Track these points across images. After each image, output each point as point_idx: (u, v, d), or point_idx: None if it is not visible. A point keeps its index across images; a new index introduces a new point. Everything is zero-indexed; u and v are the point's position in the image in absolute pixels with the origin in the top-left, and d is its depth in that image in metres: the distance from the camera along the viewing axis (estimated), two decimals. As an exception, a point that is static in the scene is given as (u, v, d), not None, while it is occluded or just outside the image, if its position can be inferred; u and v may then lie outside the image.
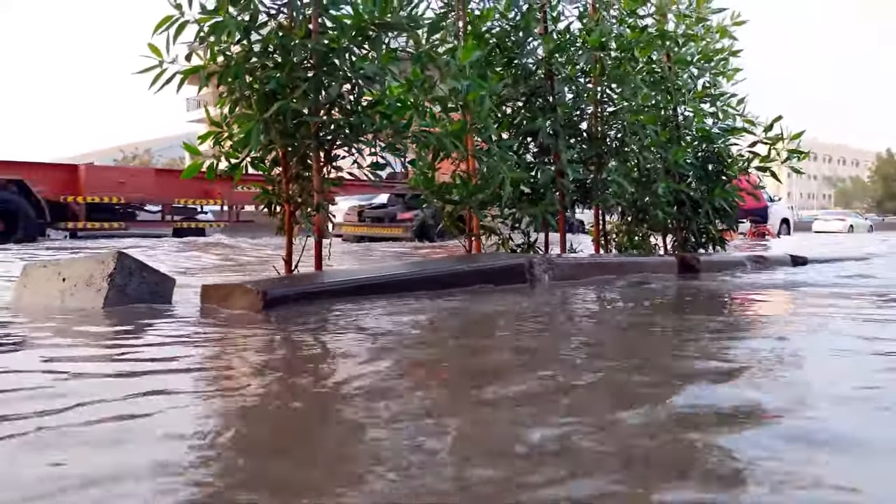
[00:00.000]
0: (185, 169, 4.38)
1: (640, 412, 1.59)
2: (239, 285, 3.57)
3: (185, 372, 2.16)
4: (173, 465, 1.28)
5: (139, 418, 1.59)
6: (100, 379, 2.02)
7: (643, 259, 5.98)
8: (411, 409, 1.65)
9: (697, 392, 1.79)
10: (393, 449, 1.38)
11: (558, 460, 1.29)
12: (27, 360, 2.31)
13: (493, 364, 2.26)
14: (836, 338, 2.73)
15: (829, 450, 1.36)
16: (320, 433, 1.53)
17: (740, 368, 2.07)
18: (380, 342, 2.55)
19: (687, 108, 6.90)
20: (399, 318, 3.20)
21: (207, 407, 1.75)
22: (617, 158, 6.18)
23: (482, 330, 3.07)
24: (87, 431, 1.47)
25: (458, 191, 5.16)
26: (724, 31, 6.89)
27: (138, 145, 41.28)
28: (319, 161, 4.25)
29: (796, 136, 6.56)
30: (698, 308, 3.93)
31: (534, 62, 5.97)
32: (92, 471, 1.25)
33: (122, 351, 2.47)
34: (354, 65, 4.15)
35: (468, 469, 1.26)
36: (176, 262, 7.51)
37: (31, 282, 3.85)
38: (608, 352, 2.55)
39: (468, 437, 1.48)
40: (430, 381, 2.05)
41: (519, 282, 4.46)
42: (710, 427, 1.49)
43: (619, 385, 1.94)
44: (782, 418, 1.58)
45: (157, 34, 3.86)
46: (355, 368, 2.14)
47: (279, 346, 2.58)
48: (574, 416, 1.57)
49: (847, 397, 1.78)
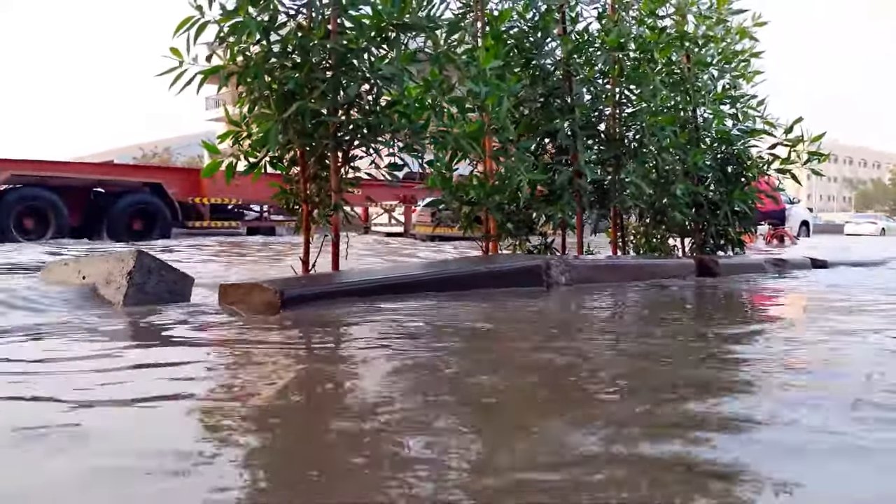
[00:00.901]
0: (205, 168, 4.41)
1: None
2: (256, 284, 3.58)
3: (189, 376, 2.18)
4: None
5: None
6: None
7: (661, 261, 5.94)
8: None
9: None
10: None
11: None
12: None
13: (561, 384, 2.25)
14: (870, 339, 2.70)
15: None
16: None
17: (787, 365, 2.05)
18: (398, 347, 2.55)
19: (707, 109, 6.85)
20: (414, 320, 3.20)
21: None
22: (635, 160, 6.14)
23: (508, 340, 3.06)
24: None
25: (476, 191, 5.16)
26: (745, 32, 6.83)
27: (158, 143, 41.56)
28: (337, 161, 4.26)
29: (817, 139, 6.50)
30: (728, 316, 3.90)
31: (552, 63, 5.95)
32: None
33: (117, 349, 2.49)
34: (373, 65, 4.16)
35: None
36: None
37: (52, 278, 3.89)
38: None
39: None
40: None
41: (536, 284, 4.45)
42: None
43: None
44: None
45: (177, 35, 3.89)
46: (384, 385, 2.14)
47: (294, 349, 2.58)
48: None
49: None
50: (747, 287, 5.08)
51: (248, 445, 1.43)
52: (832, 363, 2.34)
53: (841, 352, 2.52)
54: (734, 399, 1.81)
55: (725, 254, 6.91)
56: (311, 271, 4.31)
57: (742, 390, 1.92)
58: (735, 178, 6.92)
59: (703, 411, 1.67)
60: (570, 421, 1.58)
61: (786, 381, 2.03)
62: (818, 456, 1.39)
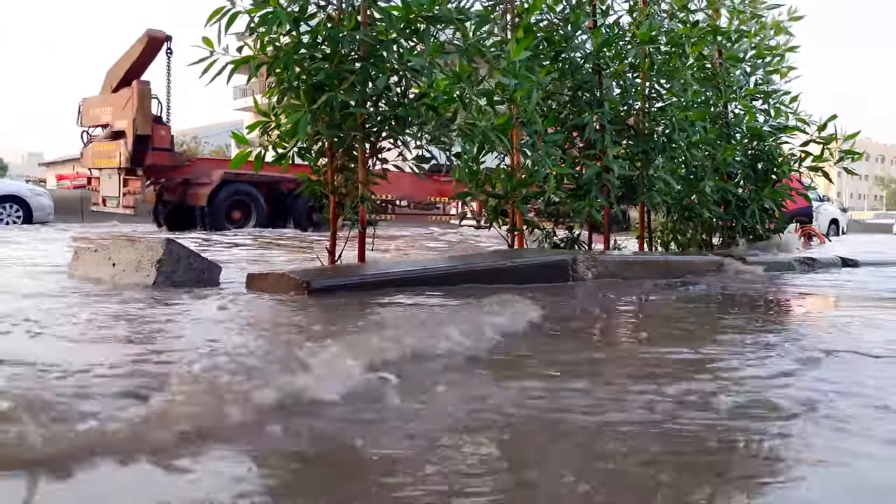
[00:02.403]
0: (233, 158, 4.44)
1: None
2: (283, 274, 3.61)
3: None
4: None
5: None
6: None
7: (688, 258, 5.88)
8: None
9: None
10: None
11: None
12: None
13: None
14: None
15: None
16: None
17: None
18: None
19: (738, 105, 6.76)
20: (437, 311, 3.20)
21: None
22: (664, 155, 6.07)
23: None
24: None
25: (503, 184, 5.13)
26: (780, 27, 6.72)
27: (185, 132, 41.83)
28: (365, 153, 4.27)
29: (851, 137, 6.39)
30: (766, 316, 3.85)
31: (581, 56, 5.88)
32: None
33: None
34: (402, 57, 4.15)
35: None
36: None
37: (82, 266, 3.94)
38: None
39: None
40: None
41: (562, 279, 4.42)
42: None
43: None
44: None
45: (209, 25, 3.91)
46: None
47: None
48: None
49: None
50: (775, 286, 5.01)
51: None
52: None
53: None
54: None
55: (754, 252, 6.82)
56: (338, 262, 4.33)
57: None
58: (765, 176, 6.82)
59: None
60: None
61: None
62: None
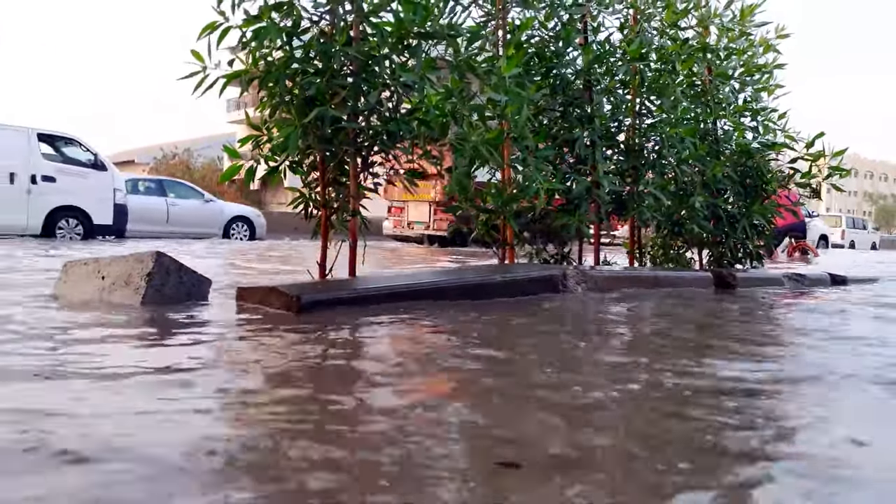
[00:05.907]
0: (224, 172, 4.44)
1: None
2: (273, 288, 3.60)
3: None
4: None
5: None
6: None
7: (678, 273, 5.91)
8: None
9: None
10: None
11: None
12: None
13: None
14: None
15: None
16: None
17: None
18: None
19: (727, 121, 6.81)
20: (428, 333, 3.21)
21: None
22: (654, 171, 6.11)
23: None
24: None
25: (493, 199, 5.15)
26: (768, 45, 6.78)
27: (178, 144, 41.70)
28: (356, 167, 4.28)
29: (839, 154, 6.44)
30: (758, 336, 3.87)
31: (572, 72, 5.92)
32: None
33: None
34: (394, 72, 4.17)
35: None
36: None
37: (71, 279, 3.92)
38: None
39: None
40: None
41: (552, 293, 4.43)
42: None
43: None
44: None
45: (200, 39, 3.93)
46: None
47: (311, 351, 2.59)
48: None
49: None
50: (764, 300, 5.04)
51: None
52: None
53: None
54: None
55: (744, 267, 6.86)
56: (328, 276, 4.32)
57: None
58: (754, 192, 6.87)
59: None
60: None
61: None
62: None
